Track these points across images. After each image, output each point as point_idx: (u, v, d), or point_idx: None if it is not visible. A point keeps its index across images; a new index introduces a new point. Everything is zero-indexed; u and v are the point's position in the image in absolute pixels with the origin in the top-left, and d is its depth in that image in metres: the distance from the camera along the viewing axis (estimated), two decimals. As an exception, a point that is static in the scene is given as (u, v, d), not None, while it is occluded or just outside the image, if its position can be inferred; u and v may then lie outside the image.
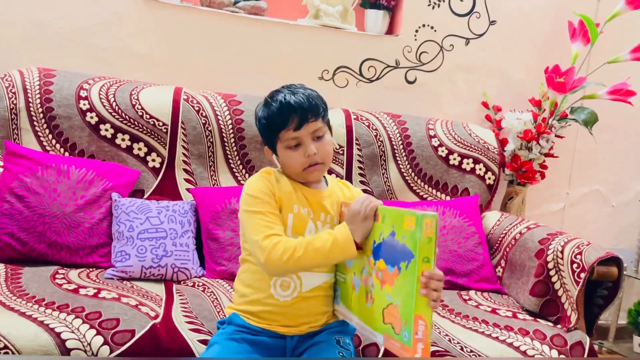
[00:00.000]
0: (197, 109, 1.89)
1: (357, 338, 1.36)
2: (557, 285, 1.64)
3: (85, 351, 1.21)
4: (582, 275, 1.55)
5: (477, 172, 2.12)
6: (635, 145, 2.55)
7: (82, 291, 1.42)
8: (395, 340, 0.97)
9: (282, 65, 2.14)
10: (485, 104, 2.35)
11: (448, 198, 2.10)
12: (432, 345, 1.41)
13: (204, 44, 2.07)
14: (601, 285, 1.63)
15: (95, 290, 1.43)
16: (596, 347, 2.51)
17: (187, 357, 1.26)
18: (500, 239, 1.94)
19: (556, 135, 2.24)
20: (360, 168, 2.04)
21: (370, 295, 1.06)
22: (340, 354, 1.17)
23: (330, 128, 1.25)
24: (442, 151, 2.10)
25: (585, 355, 1.48)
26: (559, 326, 1.59)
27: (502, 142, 2.27)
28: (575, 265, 1.58)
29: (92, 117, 1.79)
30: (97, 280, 1.53)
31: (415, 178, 2.09)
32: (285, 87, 1.22)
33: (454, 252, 1.88)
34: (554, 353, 1.46)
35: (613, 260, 1.57)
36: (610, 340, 2.53)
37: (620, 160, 2.55)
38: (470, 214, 1.98)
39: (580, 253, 1.59)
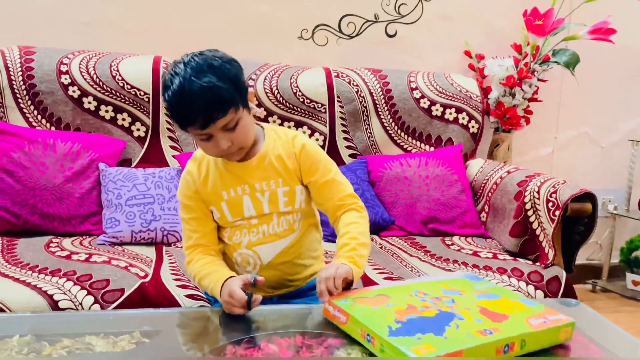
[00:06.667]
0: (176, 76, 1.91)
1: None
2: (534, 225, 1.67)
3: (76, 310, 1.29)
4: (557, 212, 1.58)
5: (460, 121, 2.14)
6: (620, 84, 2.53)
7: (74, 257, 1.49)
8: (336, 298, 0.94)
9: (260, 26, 2.14)
10: (467, 53, 2.34)
11: (432, 149, 2.13)
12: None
13: (179, 8, 2.08)
14: (579, 222, 1.67)
15: (87, 255, 1.50)
16: (590, 287, 2.56)
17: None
18: (483, 185, 1.97)
19: (539, 79, 2.24)
20: (343, 125, 2.06)
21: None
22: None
23: (247, 106, 1.04)
24: (424, 103, 2.12)
25: (562, 289, 1.52)
26: (537, 264, 1.64)
27: (486, 90, 2.27)
28: (550, 204, 1.62)
29: (74, 91, 1.83)
30: (90, 247, 1.60)
31: (399, 131, 2.11)
32: (187, 66, 0.97)
33: (437, 200, 1.92)
34: (531, 289, 1.51)
35: (587, 197, 1.59)
36: (603, 279, 2.57)
37: (607, 101, 2.53)
38: (453, 162, 2.01)
39: (555, 192, 1.62)
